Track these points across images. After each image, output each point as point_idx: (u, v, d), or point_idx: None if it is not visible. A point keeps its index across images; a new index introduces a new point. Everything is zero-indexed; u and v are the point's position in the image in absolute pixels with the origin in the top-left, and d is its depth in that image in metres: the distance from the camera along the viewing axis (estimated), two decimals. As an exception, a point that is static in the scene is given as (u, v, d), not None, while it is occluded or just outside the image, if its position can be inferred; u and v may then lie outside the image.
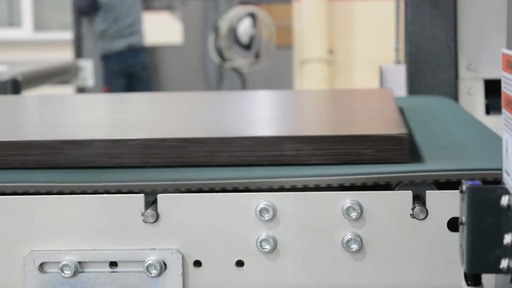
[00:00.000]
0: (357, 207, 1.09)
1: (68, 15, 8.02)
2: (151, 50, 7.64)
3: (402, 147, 1.15)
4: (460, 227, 0.94)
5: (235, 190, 1.13)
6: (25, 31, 9.14)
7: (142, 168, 1.17)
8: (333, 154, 1.16)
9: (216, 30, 6.91)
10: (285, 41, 6.80)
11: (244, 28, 6.84)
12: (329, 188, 1.14)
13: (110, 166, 1.17)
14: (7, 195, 1.13)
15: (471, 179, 1.07)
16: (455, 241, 1.08)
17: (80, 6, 7.07)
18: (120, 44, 6.95)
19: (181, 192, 1.14)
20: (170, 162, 1.17)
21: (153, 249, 1.12)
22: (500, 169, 0.98)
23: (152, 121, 1.48)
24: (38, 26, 9.18)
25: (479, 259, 0.91)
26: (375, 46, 5.61)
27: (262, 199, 1.11)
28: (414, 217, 1.09)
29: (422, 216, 1.09)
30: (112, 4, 6.95)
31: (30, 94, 3.49)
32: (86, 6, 6.99)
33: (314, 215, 1.11)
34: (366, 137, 1.15)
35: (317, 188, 1.13)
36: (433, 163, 1.14)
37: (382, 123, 1.30)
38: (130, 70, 7.04)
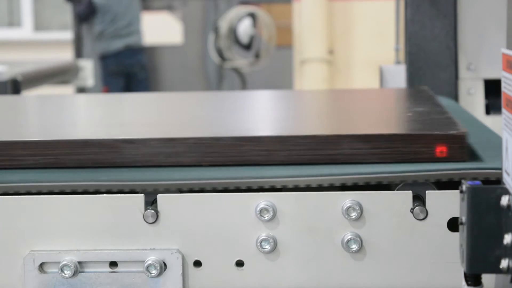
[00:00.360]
0: (357, 207, 1.09)
1: (68, 15, 8.02)
2: (151, 50, 7.64)
3: (462, 146, 1.15)
4: (460, 227, 0.94)
5: (236, 190, 1.13)
6: (25, 31, 9.14)
7: (198, 167, 1.16)
8: (391, 153, 1.15)
9: (216, 30, 6.91)
10: (285, 41, 6.80)
11: (244, 28, 6.84)
12: (329, 188, 1.14)
13: (166, 165, 1.16)
14: (7, 195, 1.13)
15: (471, 179, 1.07)
16: (455, 241, 1.08)
17: (79, 11, 7.06)
18: (117, 45, 6.94)
19: (181, 192, 1.14)
20: (227, 161, 1.16)
21: (153, 249, 1.12)
22: (500, 169, 0.98)
23: (202, 120, 1.47)
24: (38, 26, 9.18)
25: (479, 259, 0.91)
26: (375, 46, 5.60)
27: (262, 199, 1.11)
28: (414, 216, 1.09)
29: (422, 216, 1.09)
30: (109, 5, 6.94)
31: (30, 94, 3.49)
32: (84, 11, 6.98)
33: (314, 215, 1.11)
34: (426, 136, 1.15)
35: (318, 188, 1.13)
36: (492, 162, 1.13)
37: (437, 121, 1.29)
38: (128, 71, 7.03)
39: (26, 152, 1.17)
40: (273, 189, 1.13)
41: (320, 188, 1.13)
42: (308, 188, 1.13)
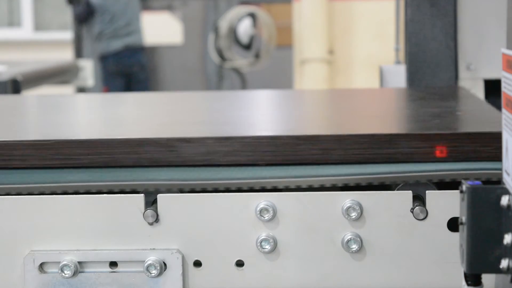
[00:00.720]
0: (357, 207, 1.09)
1: (68, 15, 8.02)
2: (151, 50, 7.64)
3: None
4: (460, 227, 0.94)
5: (238, 190, 1.13)
6: (25, 31, 9.14)
7: (255, 166, 1.16)
8: (450, 152, 1.15)
9: (216, 30, 6.91)
10: (285, 41, 6.80)
11: (244, 28, 6.84)
12: (329, 188, 1.14)
13: (222, 164, 1.16)
14: (7, 196, 1.13)
15: (471, 179, 1.07)
16: (455, 241, 1.08)
17: (77, 13, 7.06)
18: (116, 45, 6.93)
19: (182, 192, 1.14)
20: (283, 160, 1.15)
21: (153, 249, 1.12)
22: (500, 169, 0.98)
23: (249, 119, 1.47)
24: (38, 26, 9.18)
25: (479, 259, 0.91)
26: (375, 46, 5.60)
27: (262, 199, 1.11)
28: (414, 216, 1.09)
29: (422, 216, 1.09)
30: (106, 5, 6.93)
31: (30, 94, 3.49)
32: (82, 12, 6.97)
33: (314, 215, 1.11)
34: (486, 134, 1.14)
35: (318, 188, 1.13)
36: None
37: (492, 120, 1.29)
38: (128, 71, 7.02)
39: (82, 151, 1.16)
40: (273, 189, 1.13)
41: (320, 188, 1.13)
42: (308, 188, 1.13)
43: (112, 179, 1.14)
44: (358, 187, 1.14)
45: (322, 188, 1.13)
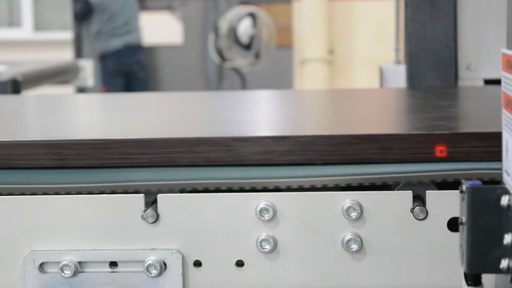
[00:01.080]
0: (357, 207, 1.09)
1: (68, 15, 8.02)
2: (151, 50, 7.64)
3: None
4: (460, 227, 0.94)
5: (237, 190, 1.13)
6: (25, 31, 9.14)
7: (311, 165, 1.15)
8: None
9: (216, 30, 6.91)
10: (285, 41, 6.80)
11: (244, 28, 6.84)
12: (329, 188, 1.14)
13: (279, 164, 1.15)
14: (7, 196, 1.13)
15: (471, 179, 1.07)
16: (455, 241, 1.08)
17: (76, 11, 7.06)
18: (116, 44, 6.93)
19: (182, 192, 1.14)
20: (342, 159, 1.14)
21: (153, 249, 1.12)
22: (500, 169, 0.98)
23: (297, 118, 1.46)
24: (38, 26, 9.17)
25: (479, 259, 0.91)
26: (375, 46, 5.60)
27: (262, 199, 1.11)
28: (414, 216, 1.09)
29: (422, 216, 1.09)
30: (105, 3, 6.93)
31: (30, 94, 3.49)
32: (81, 10, 6.98)
33: (314, 215, 1.11)
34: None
35: (318, 188, 1.13)
36: None
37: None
38: (127, 70, 7.01)
39: (137, 150, 1.15)
40: (273, 189, 1.13)
41: (320, 188, 1.13)
42: (308, 188, 1.13)
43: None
44: (358, 187, 1.14)
45: (322, 188, 1.13)
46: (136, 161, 1.14)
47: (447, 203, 1.09)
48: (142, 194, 1.12)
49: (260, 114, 1.56)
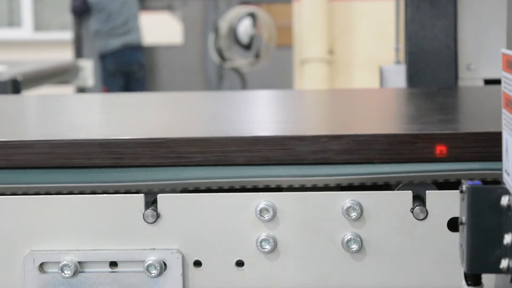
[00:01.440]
0: (357, 207, 1.09)
1: (68, 15, 8.02)
2: (151, 50, 7.64)
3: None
4: (460, 227, 0.94)
5: (240, 189, 1.13)
6: (25, 31, 9.14)
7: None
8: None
9: (216, 30, 6.91)
10: (285, 41, 6.80)
11: (244, 28, 6.84)
12: (329, 188, 1.14)
13: (336, 162, 1.14)
14: (8, 196, 1.13)
15: (471, 179, 1.07)
16: (455, 241, 1.08)
17: (74, 7, 7.06)
18: (115, 43, 6.92)
19: (181, 192, 1.14)
20: (398, 158, 1.14)
21: (153, 249, 1.12)
22: (500, 169, 0.98)
23: (340, 117, 1.46)
24: (38, 26, 9.18)
25: (479, 259, 0.91)
26: (375, 46, 5.61)
27: (262, 199, 1.11)
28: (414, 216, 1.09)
29: (422, 216, 1.09)
30: (103, 3, 6.92)
31: (30, 94, 3.49)
32: (79, 7, 6.98)
33: (314, 215, 1.11)
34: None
35: (318, 188, 1.13)
36: None
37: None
38: (127, 69, 7.01)
39: (194, 149, 1.14)
40: (273, 189, 1.13)
41: (320, 188, 1.13)
42: (308, 188, 1.13)
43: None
44: (358, 187, 1.14)
45: (322, 188, 1.13)
46: (192, 160, 1.14)
47: (447, 203, 1.09)
48: (142, 194, 1.12)
49: (295, 114, 1.55)
